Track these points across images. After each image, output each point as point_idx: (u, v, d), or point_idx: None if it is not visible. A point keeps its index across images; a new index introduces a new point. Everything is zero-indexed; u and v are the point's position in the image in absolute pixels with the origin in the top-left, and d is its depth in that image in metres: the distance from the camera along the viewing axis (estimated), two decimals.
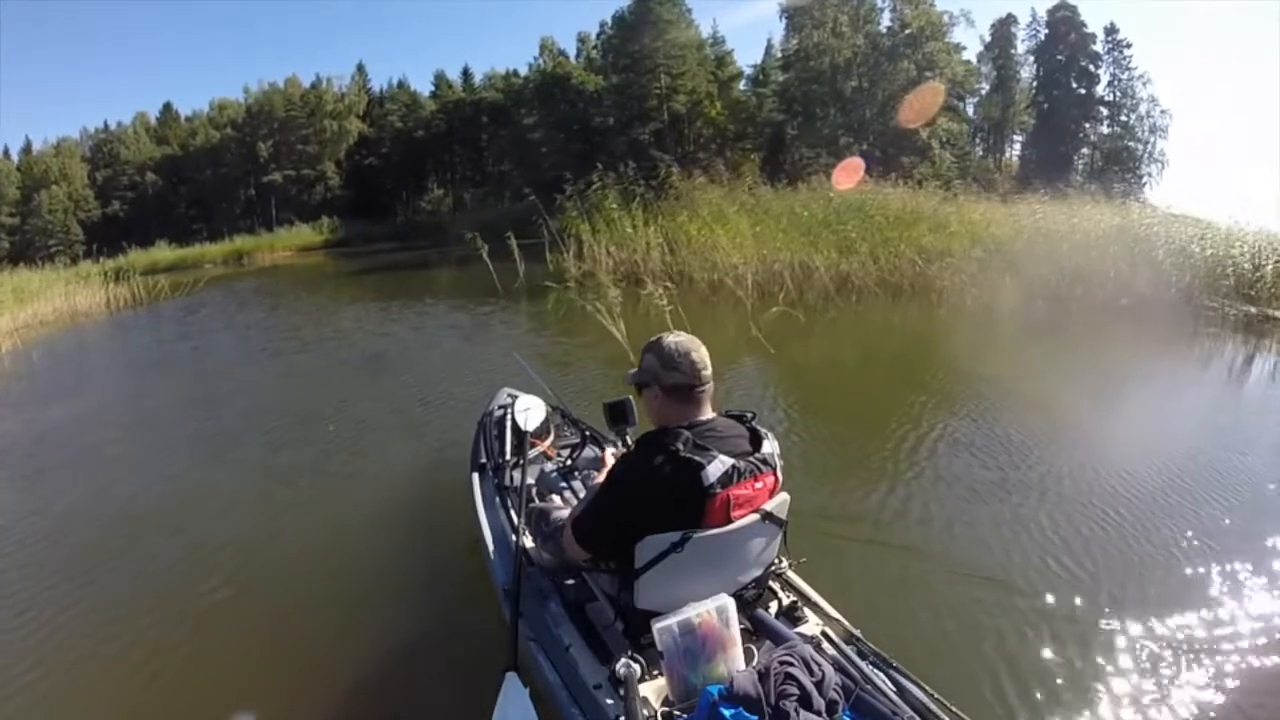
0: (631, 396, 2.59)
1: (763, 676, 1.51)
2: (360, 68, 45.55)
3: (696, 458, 1.66)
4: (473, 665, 2.43)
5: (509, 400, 3.39)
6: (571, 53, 36.55)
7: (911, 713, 1.62)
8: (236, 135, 42.09)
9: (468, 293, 12.64)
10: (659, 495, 1.68)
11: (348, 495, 4.21)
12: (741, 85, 31.40)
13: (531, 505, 2.38)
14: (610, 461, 2.28)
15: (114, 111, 78.90)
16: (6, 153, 45.08)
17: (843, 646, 1.89)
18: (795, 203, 12.53)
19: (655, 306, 7.20)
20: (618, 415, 2.59)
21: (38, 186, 41.50)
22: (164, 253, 33.94)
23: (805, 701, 1.49)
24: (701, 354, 1.82)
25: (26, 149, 45.04)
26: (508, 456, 2.97)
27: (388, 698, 2.46)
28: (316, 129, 41.15)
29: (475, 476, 3.00)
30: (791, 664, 1.54)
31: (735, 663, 1.66)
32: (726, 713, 1.45)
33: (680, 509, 1.68)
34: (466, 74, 43.22)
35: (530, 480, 2.71)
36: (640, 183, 14.68)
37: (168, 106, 46.73)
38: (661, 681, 1.68)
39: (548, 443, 3.16)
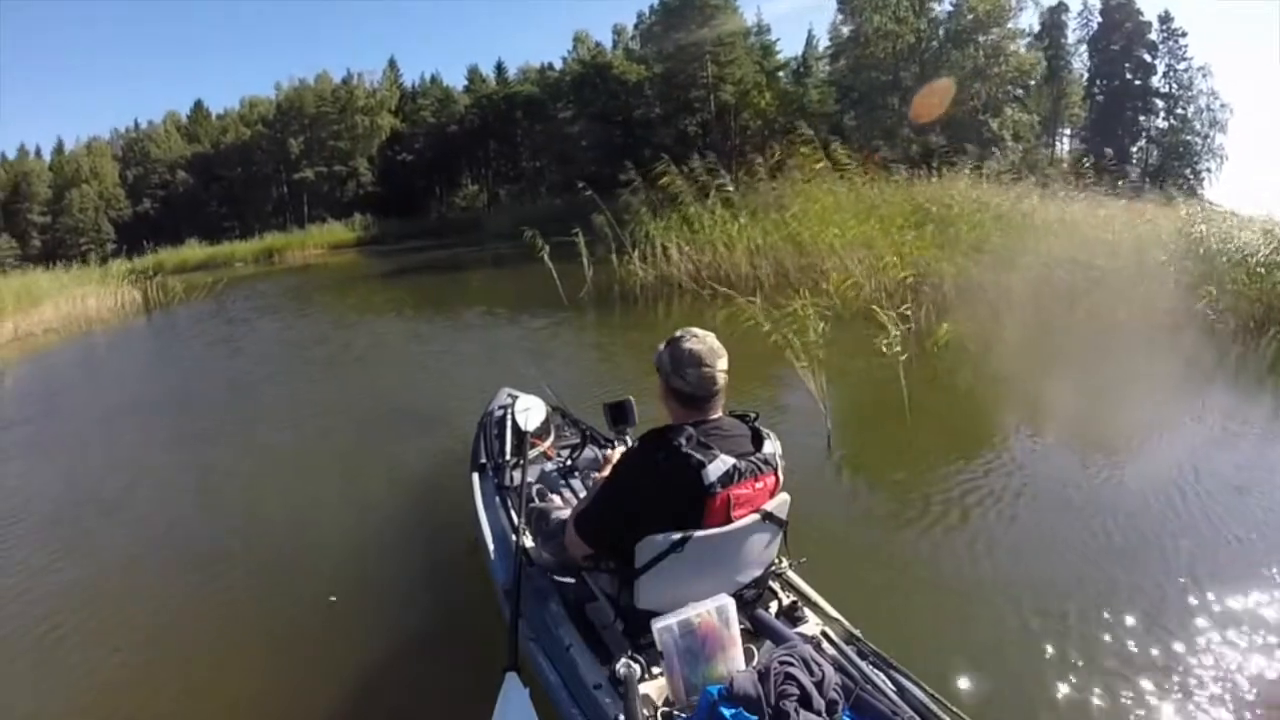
0: (632, 397, 2.81)
1: (763, 676, 1.57)
2: (392, 62, 47.18)
3: (698, 455, 1.74)
4: (473, 665, 2.52)
5: (509, 400, 3.54)
6: (607, 46, 37.19)
7: (911, 713, 1.68)
8: (267, 132, 44.05)
9: (527, 302, 11.14)
10: (661, 492, 1.77)
11: (347, 495, 4.44)
12: (782, 76, 31.31)
13: (531, 505, 2.49)
14: (613, 460, 2.37)
15: (145, 111, 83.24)
16: (39, 152, 48.15)
17: (843, 646, 1.96)
18: (885, 196, 11.37)
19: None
20: (618, 415, 2.74)
21: (69, 185, 44.21)
22: (194, 251, 35.69)
23: (805, 701, 1.54)
24: (716, 368, 1.85)
25: (58, 149, 48.07)
26: (508, 456, 3.12)
27: (388, 697, 2.58)
28: (348, 125, 42.77)
29: (475, 476, 3.15)
30: (791, 664, 1.60)
31: (735, 663, 1.73)
32: (726, 713, 1.51)
33: (681, 507, 1.76)
34: (500, 68, 44.55)
35: (530, 480, 2.83)
36: (717, 173, 13.54)
37: (198, 104, 49.25)
38: (661, 681, 1.75)
39: (548, 443, 3.31)
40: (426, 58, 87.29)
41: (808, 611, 2.09)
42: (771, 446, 1.89)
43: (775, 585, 2.16)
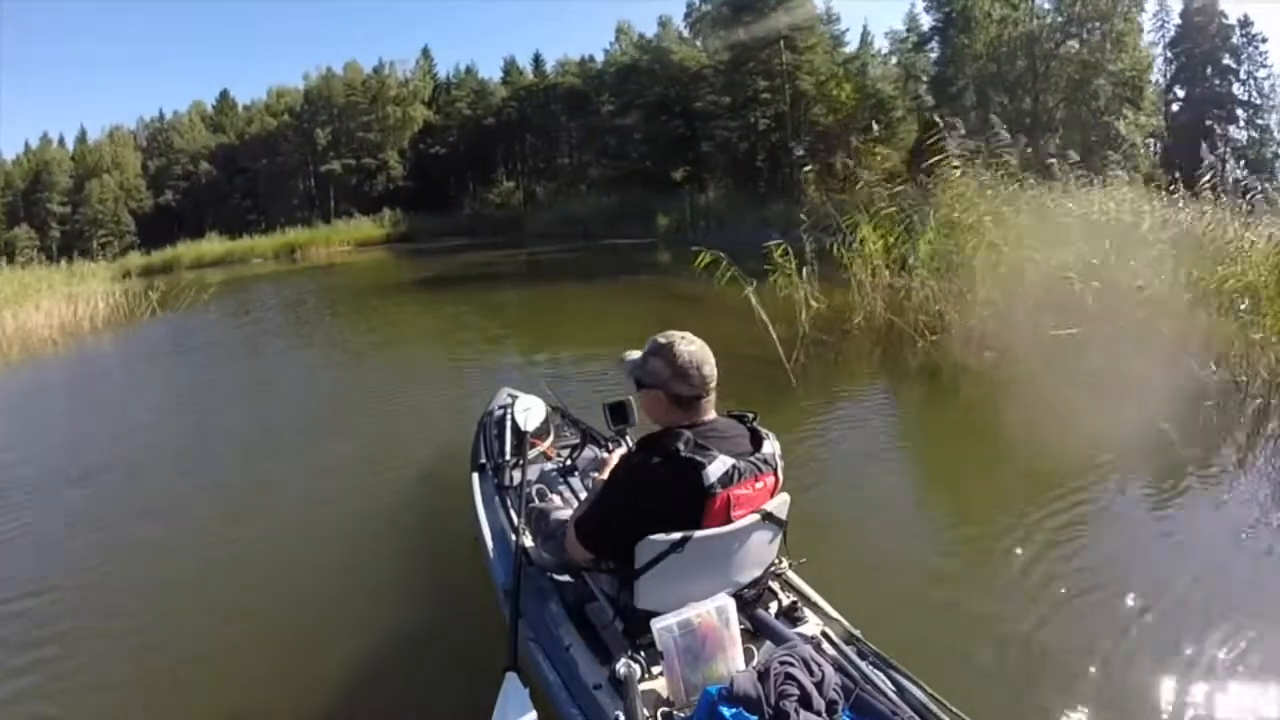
0: (632, 397, 2.92)
1: (763, 677, 1.71)
2: (425, 52, 49.22)
3: (698, 458, 1.91)
4: (473, 665, 2.72)
5: (509, 400, 3.81)
6: (650, 38, 37.81)
7: (911, 713, 1.81)
8: (294, 122, 46.34)
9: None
10: (660, 495, 1.94)
11: (347, 495, 4.84)
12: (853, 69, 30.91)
13: (531, 505, 2.70)
14: (612, 461, 2.57)
15: (171, 102, 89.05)
16: (62, 141, 51.62)
17: (843, 646, 2.11)
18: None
19: None
20: (618, 415, 2.94)
21: (90, 175, 47.26)
22: (212, 246, 37.64)
23: (805, 702, 1.68)
24: (711, 365, 2.09)
25: (81, 137, 51.45)
26: (508, 456, 3.36)
27: (387, 697, 2.80)
28: (378, 116, 44.64)
29: (475, 476, 3.42)
30: (791, 664, 1.74)
31: (735, 663, 1.89)
32: (726, 713, 1.65)
33: (681, 509, 1.93)
34: (538, 60, 45.82)
35: (530, 480, 3.08)
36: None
37: (224, 94, 52.21)
38: (661, 681, 1.92)
39: (548, 443, 3.59)
40: (461, 50, 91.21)
41: (808, 611, 2.25)
42: (771, 446, 2.07)
43: (775, 585, 2.33)
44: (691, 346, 2.09)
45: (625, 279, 16.12)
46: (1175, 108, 29.64)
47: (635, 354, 2.20)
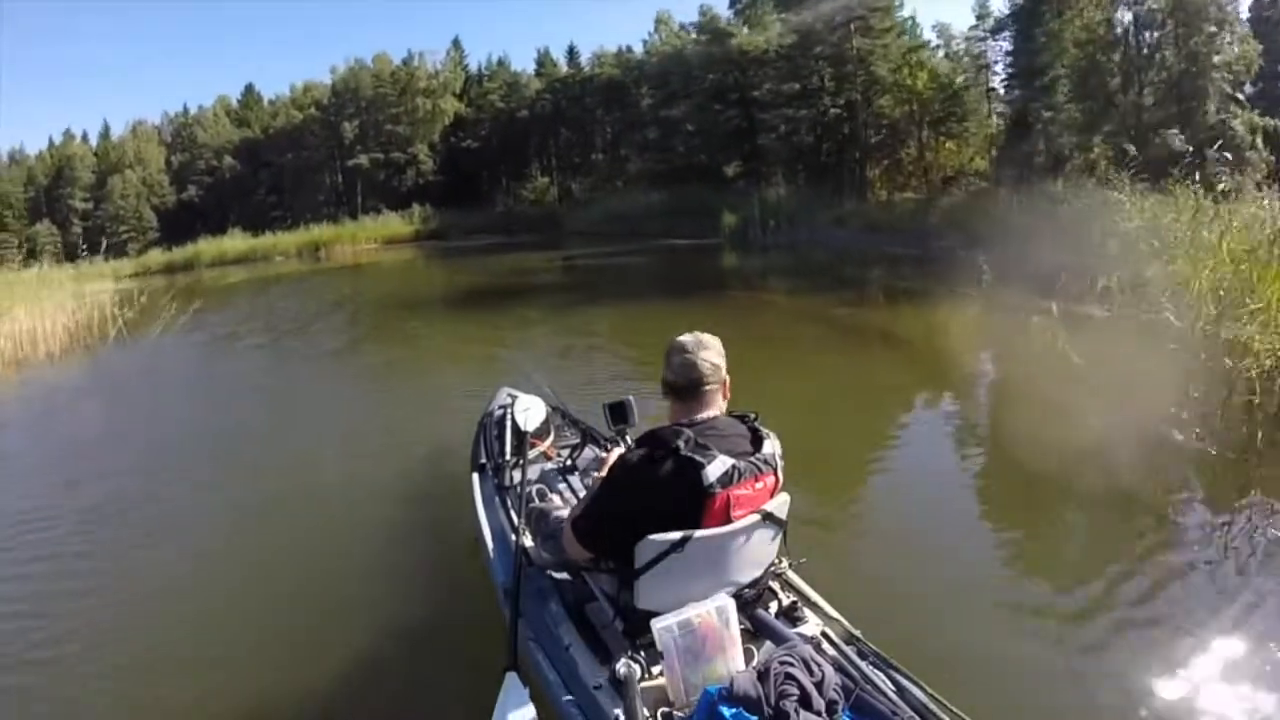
0: (632, 396, 3.26)
1: (763, 677, 1.82)
2: (456, 43, 50.26)
3: (697, 457, 2.03)
4: (473, 665, 2.89)
5: (509, 400, 4.02)
6: (690, 29, 37.74)
7: (911, 713, 1.91)
8: (320, 116, 47.77)
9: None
10: (659, 494, 2.06)
11: (347, 495, 5.16)
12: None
13: (531, 505, 2.89)
14: (610, 459, 2.66)
15: (196, 96, 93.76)
16: (85, 137, 54.30)
17: (843, 646, 2.23)
18: None
19: None
20: (618, 415, 3.15)
21: (112, 171, 49.42)
22: (234, 242, 39.08)
23: (805, 702, 1.78)
24: (698, 355, 2.20)
25: (105, 133, 54.20)
26: (508, 456, 3.56)
27: (388, 697, 2.97)
28: (408, 108, 45.76)
29: (475, 476, 3.65)
30: (791, 664, 1.84)
31: (735, 663, 2.00)
32: (726, 713, 1.75)
33: (680, 508, 2.05)
34: (572, 52, 46.67)
35: (530, 480, 3.27)
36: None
37: (249, 88, 54.26)
38: (661, 681, 2.03)
39: (548, 443, 3.81)
40: (492, 41, 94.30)
41: (808, 611, 2.37)
42: (771, 446, 2.18)
43: (775, 585, 2.46)
44: (687, 336, 2.25)
45: (716, 294, 14.31)
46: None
47: None
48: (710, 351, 2.21)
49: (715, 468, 2.02)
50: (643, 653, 2.10)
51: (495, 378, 5.80)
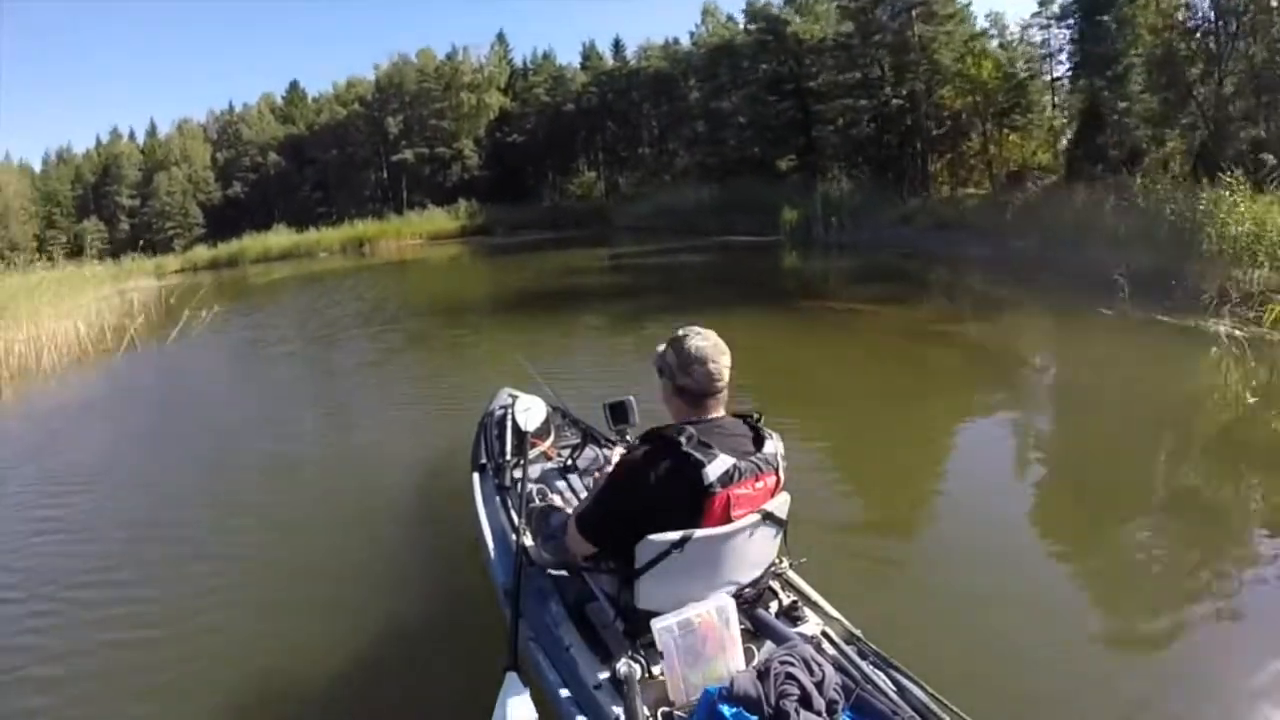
0: (632, 396, 3.42)
1: (763, 676, 1.86)
2: (500, 37, 50.84)
3: (698, 455, 2.08)
4: (473, 665, 2.97)
5: (509, 400, 4.13)
6: (739, 18, 37.60)
7: (911, 712, 1.95)
8: (364, 111, 48.97)
9: None
10: (661, 491, 2.11)
11: (348, 495, 5.29)
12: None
13: (532, 505, 2.96)
14: (614, 460, 2.79)
15: (241, 94, 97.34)
16: (132, 135, 56.69)
17: (843, 646, 2.29)
18: None
19: None
20: (618, 415, 3.31)
21: (158, 168, 51.41)
22: (278, 238, 40.26)
23: (805, 701, 1.82)
24: (720, 364, 2.25)
25: (151, 131, 56.42)
26: (508, 456, 3.66)
27: (387, 697, 3.02)
28: (452, 103, 46.66)
29: (475, 476, 3.74)
30: (791, 664, 1.88)
31: (735, 662, 2.06)
32: (726, 712, 1.80)
33: (681, 506, 2.10)
34: (618, 45, 47.07)
35: (530, 480, 3.32)
36: None
37: (294, 85, 55.82)
38: (662, 681, 2.08)
39: (548, 443, 3.90)
40: (537, 36, 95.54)
41: (808, 611, 2.43)
42: (773, 446, 2.23)
43: (775, 585, 2.52)
44: (702, 342, 2.26)
45: (794, 302, 12.72)
46: None
47: (664, 344, 2.38)
48: (726, 357, 2.26)
49: (716, 467, 2.06)
50: (643, 652, 2.14)
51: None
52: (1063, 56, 25.47)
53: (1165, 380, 6.97)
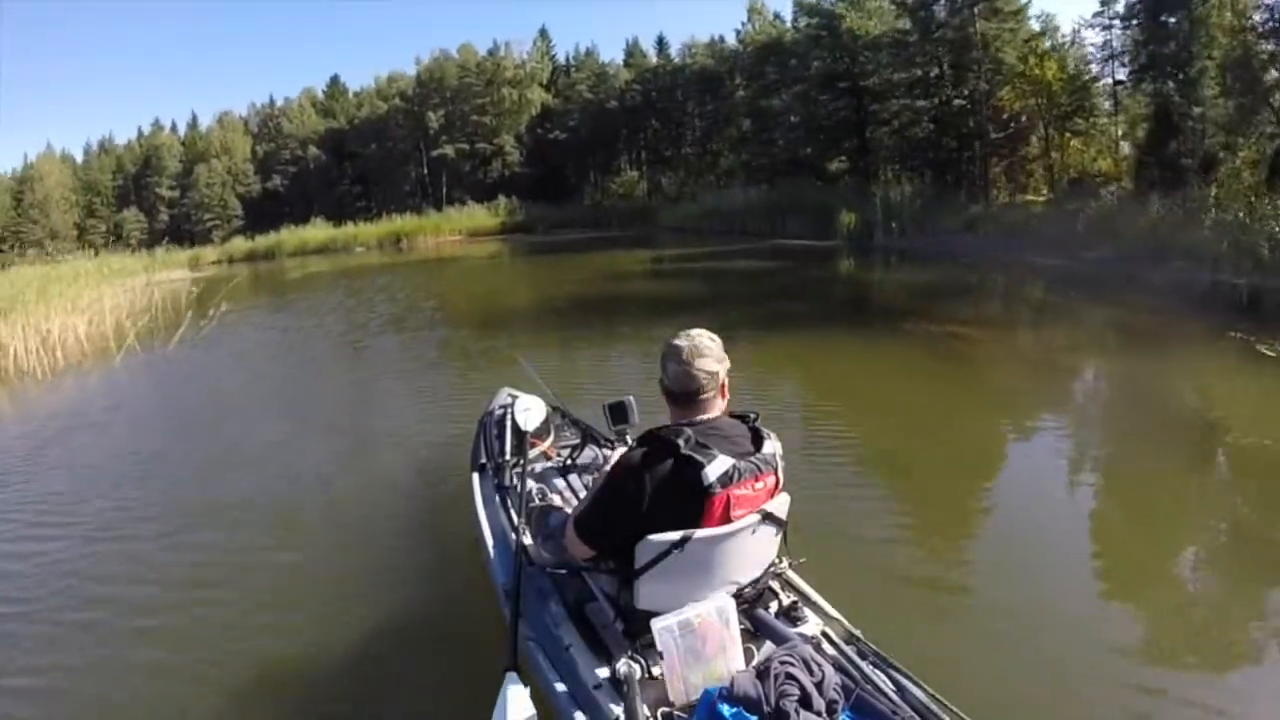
0: (632, 396, 3.52)
1: (763, 676, 1.89)
2: (543, 33, 51.67)
3: (697, 456, 2.13)
4: (473, 665, 3.04)
5: (509, 400, 4.21)
6: (787, 18, 37.65)
7: (911, 712, 1.99)
8: (405, 106, 49.96)
9: None
10: (660, 493, 2.15)
11: (348, 495, 5.39)
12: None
13: (531, 505, 3.04)
14: (614, 458, 2.84)
15: (282, 88, 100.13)
16: (174, 127, 58.58)
17: (843, 646, 2.34)
18: None
19: None
20: (618, 415, 3.38)
21: (198, 160, 53.07)
22: (315, 232, 41.36)
23: (805, 702, 1.86)
24: (696, 366, 2.25)
25: (192, 123, 58.33)
26: (508, 456, 3.74)
27: (388, 697, 3.07)
28: (494, 98, 47.43)
29: (475, 476, 3.82)
30: (791, 664, 1.92)
31: (735, 663, 2.11)
32: (726, 712, 1.83)
33: (680, 507, 2.14)
34: (661, 43, 47.46)
35: (530, 480, 3.42)
36: None
37: (335, 80, 57.23)
38: (661, 681, 2.12)
39: (548, 443, 3.98)
40: (580, 32, 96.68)
41: (808, 611, 2.48)
42: (771, 446, 2.27)
43: (775, 585, 2.57)
44: (682, 341, 2.31)
45: (876, 321, 11.56)
46: None
47: None
48: (707, 359, 2.27)
49: (715, 467, 2.10)
50: (643, 653, 2.18)
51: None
52: (1125, 58, 24.66)
53: None
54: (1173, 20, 21.66)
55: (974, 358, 8.68)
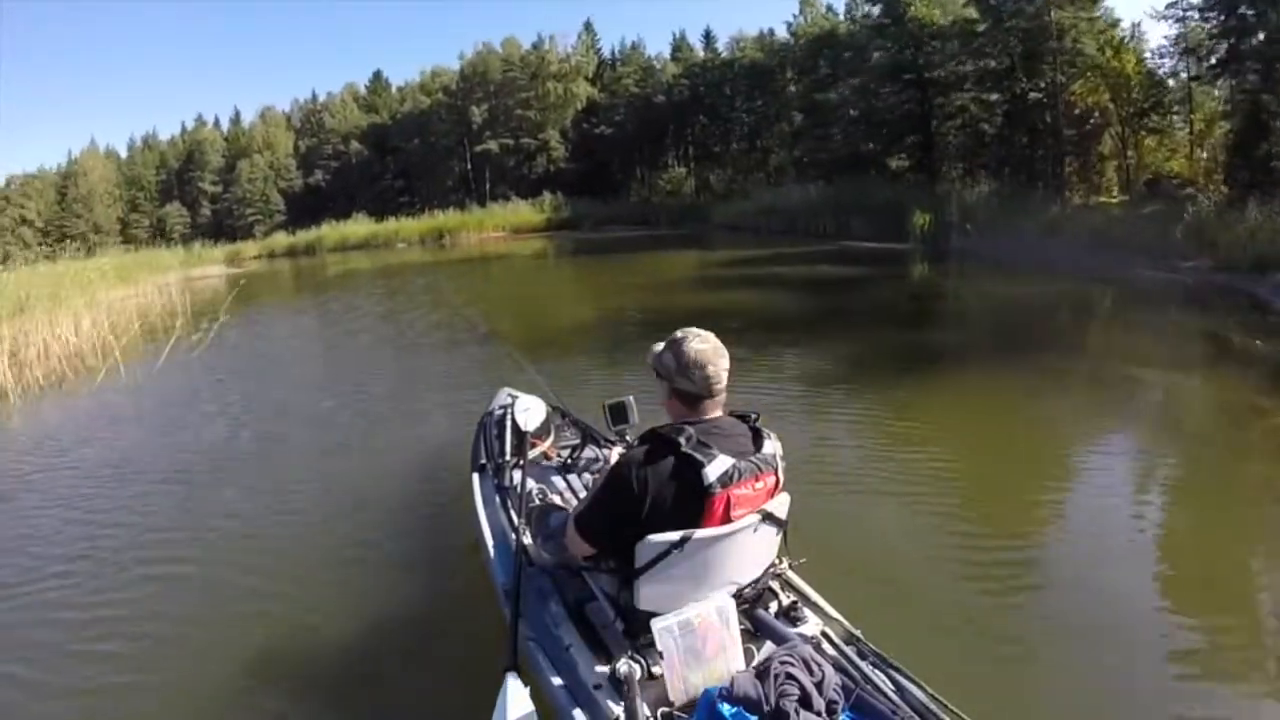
0: (631, 397, 3.63)
1: (762, 676, 1.94)
2: (588, 26, 52.00)
3: (698, 455, 2.19)
4: (473, 665, 3.12)
5: (509, 400, 4.32)
6: (840, 10, 37.51)
7: (911, 712, 2.05)
8: (448, 101, 50.71)
9: None
10: (660, 492, 2.21)
11: (348, 495, 5.48)
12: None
13: (531, 505, 3.14)
14: (613, 460, 2.94)
15: (324, 84, 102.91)
16: (217, 122, 60.59)
17: (843, 646, 2.41)
18: None
19: None
20: (618, 415, 3.50)
21: (241, 155, 54.84)
22: (357, 227, 42.18)
23: (805, 702, 1.90)
24: (719, 367, 2.35)
25: (235, 118, 60.28)
26: (508, 456, 3.83)
27: (387, 697, 3.14)
28: (539, 93, 47.73)
29: (475, 476, 3.92)
30: (791, 664, 1.96)
31: (735, 663, 2.16)
32: (726, 712, 1.88)
33: (681, 506, 2.20)
34: (708, 37, 47.23)
35: (530, 480, 3.51)
36: None
37: (377, 74, 58.45)
38: (661, 681, 2.17)
39: (548, 443, 4.09)
40: (626, 25, 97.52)
41: (808, 611, 2.55)
42: (772, 447, 2.34)
43: (775, 585, 2.63)
44: (701, 345, 2.37)
45: (1027, 357, 8.58)
46: None
47: (661, 345, 2.48)
48: (725, 359, 2.37)
49: (715, 467, 2.17)
50: (643, 652, 2.23)
51: None
52: (1201, 52, 23.72)
53: None
54: (1250, 13, 20.78)
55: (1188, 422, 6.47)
